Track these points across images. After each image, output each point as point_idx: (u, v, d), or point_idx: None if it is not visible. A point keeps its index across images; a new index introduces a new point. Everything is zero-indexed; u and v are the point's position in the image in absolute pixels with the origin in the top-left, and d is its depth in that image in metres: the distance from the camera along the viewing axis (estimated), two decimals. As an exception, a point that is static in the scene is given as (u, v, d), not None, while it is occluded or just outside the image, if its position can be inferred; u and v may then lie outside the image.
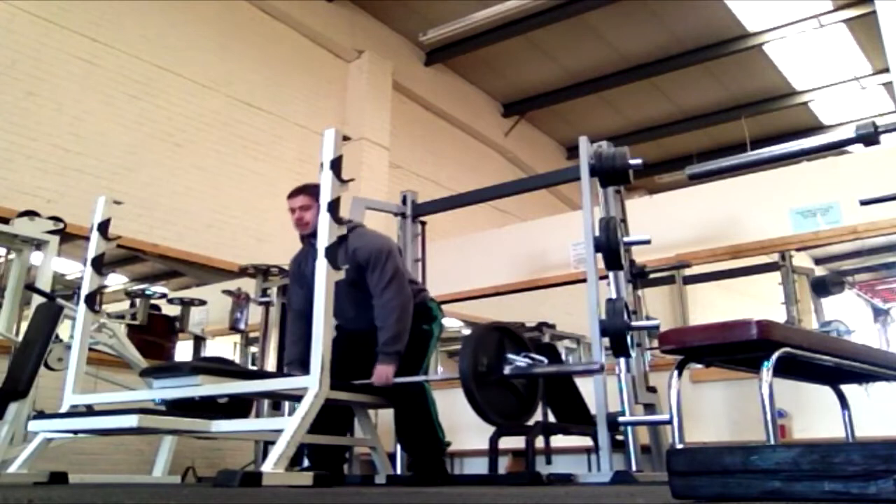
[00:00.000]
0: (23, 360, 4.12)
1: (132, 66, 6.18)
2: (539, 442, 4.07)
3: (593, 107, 9.94)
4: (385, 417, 5.02)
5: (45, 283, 4.86)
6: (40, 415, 3.82)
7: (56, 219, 5.06)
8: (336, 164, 3.31)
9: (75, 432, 3.67)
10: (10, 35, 5.50)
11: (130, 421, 3.21)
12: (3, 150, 5.30)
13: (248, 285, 5.78)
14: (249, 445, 5.43)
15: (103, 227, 4.25)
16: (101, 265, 4.25)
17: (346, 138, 3.38)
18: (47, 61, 5.66)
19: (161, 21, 6.51)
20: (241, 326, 5.72)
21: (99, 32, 6.01)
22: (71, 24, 5.84)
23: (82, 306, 4.11)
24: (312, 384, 3.16)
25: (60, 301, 4.51)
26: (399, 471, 4.32)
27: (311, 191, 3.65)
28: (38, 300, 4.63)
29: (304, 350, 3.48)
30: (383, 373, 3.56)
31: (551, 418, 4.31)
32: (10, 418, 4.00)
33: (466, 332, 6.81)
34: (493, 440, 4.14)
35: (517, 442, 4.17)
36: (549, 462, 4.11)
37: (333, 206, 3.35)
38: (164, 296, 5.90)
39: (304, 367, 3.40)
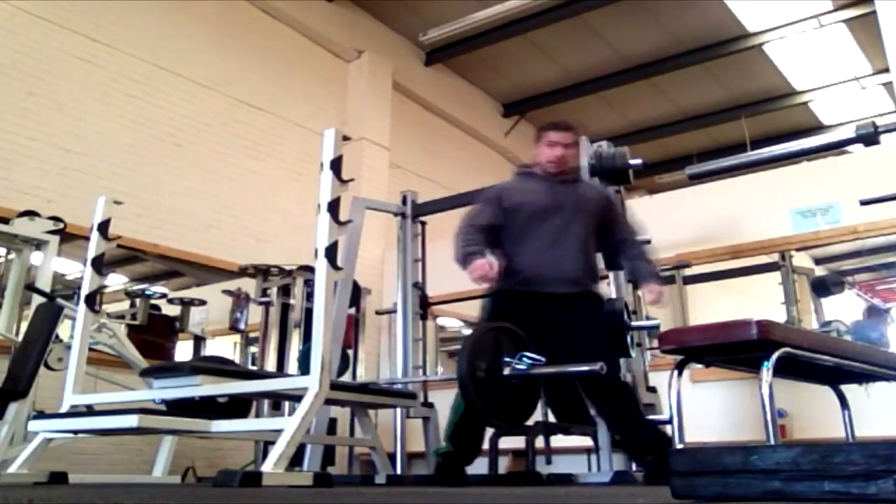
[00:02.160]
0: (23, 360, 4.12)
1: (132, 66, 6.18)
2: (539, 442, 4.06)
3: (593, 107, 9.93)
4: (385, 418, 5.04)
5: (45, 283, 4.86)
6: (40, 415, 3.82)
7: (56, 219, 5.07)
8: (336, 164, 3.30)
9: (75, 432, 3.67)
10: (10, 35, 5.50)
11: (130, 421, 3.21)
12: (3, 150, 5.30)
13: (248, 285, 5.79)
14: (249, 445, 5.43)
15: (103, 227, 4.25)
16: (101, 265, 4.25)
17: (346, 138, 3.37)
18: (47, 61, 5.66)
19: (161, 21, 6.51)
20: (241, 326, 5.72)
21: (99, 32, 6.01)
22: (71, 24, 5.84)
23: (82, 306, 4.11)
24: (312, 384, 3.16)
25: (60, 301, 4.52)
26: (399, 471, 4.32)
27: (577, 132, 3.69)
28: (38, 300, 4.63)
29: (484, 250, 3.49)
30: (664, 290, 3.58)
31: (551, 418, 4.31)
32: (10, 418, 4.00)
33: (466, 332, 6.81)
34: (493, 440, 4.14)
35: (517, 442, 4.17)
36: (549, 462, 4.11)
37: (333, 207, 3.35)
38: (164, 296, 5.91)
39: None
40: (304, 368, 3.99)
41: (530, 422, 3.79)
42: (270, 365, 5.32)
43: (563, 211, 3.57)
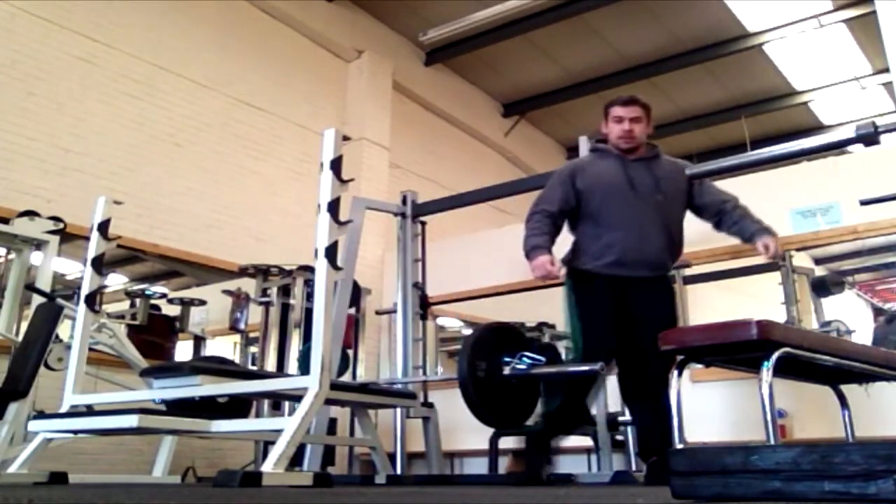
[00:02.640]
0: (23, 360, 4.12)
1: (132, 66, 6.18)
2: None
3: (593, 107, 9.86)
4: (385, 418, 5.04)
5: (45, 283, 4.87)
6: (40, 415, 3.82)
7: (56, 219, 5.06)
8: (336, 165, 3.30)
9: (75, 432, 3.67)
10: (10, 35, 5.50)
11: (130, 421, 3.21)
12: (4, 150, 5.30)
13: (248, 285, 5.79)
14: (249, 445, 5.43)
15: (103, 227, 4.25)
16: (101, 265, 4.25)
17: (346, 138, 3.37)
18: (47, 61, 5.66)
19: (161, 21, 6.51)
20: (241, 326, 5.72)
21: (99, 32, 6.01)
22: (71, 25, 5.84)
23: (82, 306, 4.11)
24: (312, 384, 3.16)
25: (60, 301, 4.52)
26: (399, 471, 4.33)
27: (645, 105, 3.58)
28: (38, 300, 4.63)
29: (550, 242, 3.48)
30: (776, 241, 3.53)
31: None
32: (10, 418, 4.00)
33: (466, 332, 6.82)
34: (493, 441, 4.15)
35: (518, 442, 4.17)
36: (549, 462, 4.11)
37: (333, 207, 3.35)
38: (164, 296, 5.91)
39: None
40: (304, 368, 3.99)
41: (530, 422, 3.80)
42: (271, 365, 5.32)
43: (642, 190, 3.48)
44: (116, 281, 6.72)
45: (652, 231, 3.47)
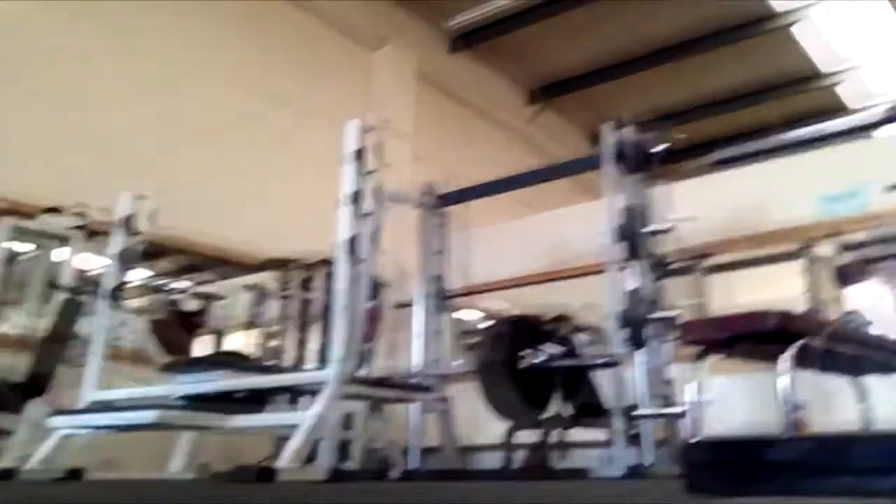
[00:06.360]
0: (44, 356, 4.16)
1: (159, 59, 6.18)
2: (555, 436, 4.02)
3: (618, 92, 9.81)
4: (402, 411, 5.00)
5: (68, 279, 4.91)
6: (60, 411, 3.83)
7: (80, 214, 5.10)
8: (358, 156, 3.31)
9: (95, 428, 3.69)
10: (38, 28, 5.52)
11: (150, 417, 3.23)
12: (29, 145, 5.32)
13: (270, 279, 5.78)
14: (267, 440, 5.40)
15: (127, 222, 4.29)
16: (124, 260, 4.29)
17: (369, 129, 3.38)
18: (75, 54, 5.68)
19: (187, 13, 6.50)
20: (262, 321, 5.73)
21: (126, 26, 6.02)
22: (100, 17, 5.85)
23: (104, 301, 4.14)
24: (329, 379, 3.16)
25: (83, 296, 4.54)
26: (414, 466, 4.29)
27: None
28: (61, 295, 4.66)
29: None
30: None
31: (568, 412, 4.26)
32: (30, 415, 4.02)
33: (485, 324, 6.77)
34: (509, 434, 4.11)
35: (534, 436, 4.13)
36: (564, 456, 4.07)
37: (355, 198, 3.35)
38: (185, 291, 5.92)
39: None
40: (324, 362, 3.97)
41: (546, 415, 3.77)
42: (290, 359, 5.32)
43: None
44: (138, 276, 6.76)
45: None
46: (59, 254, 5.16)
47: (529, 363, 3.52)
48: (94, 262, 5.73)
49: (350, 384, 3.31)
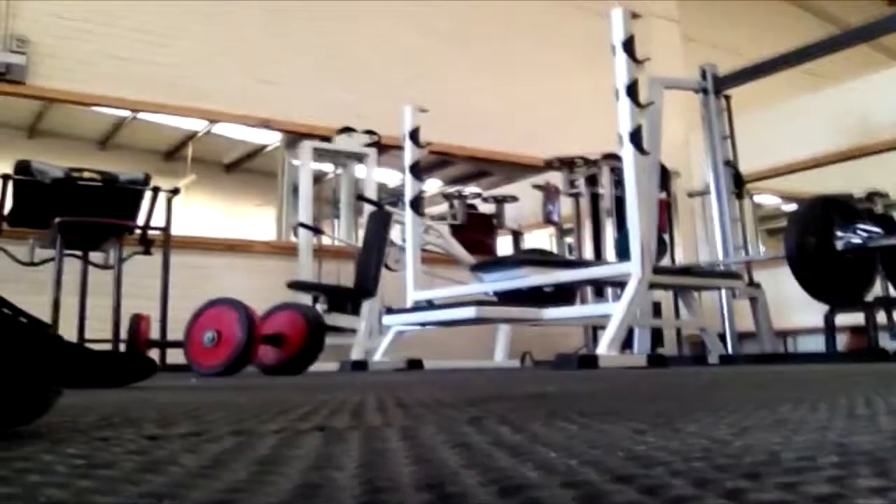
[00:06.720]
0: (366, 264, 4.60)
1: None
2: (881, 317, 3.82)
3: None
4: (709, 300, 4.96)
5: (371, 193, 5.35)
6: (390, 311, 4.25)
7: (370, 132, 5.49)
8: (628, 45, 3.26)
9: (422, 324, 4.06)
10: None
11: (469, 312, 3.50)
12: (311, 73, 5.76)
13: (556, 178, 5.88)
14: (576, 331, 5.59)
15: (414, 135, 4.58)
16: (418, 171, 4.60)
17: (634, 16, 3.30)
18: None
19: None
20: (555, 218, 5.87)
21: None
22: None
23: (409, 211, 4.49)
24: (635, 270, 3.22)
25: (389, 208, 4.94)
26: (730, 350, 4.27)
27: None
28: (368, 209, 5.10)
29: None
30: None
31: (893, 292, 4.01)
32: (365, 314, 4.50)
33: (786, 208, 6.45)
34: (829, 317, 3.95)
35: (856, 318, 3.94)
36: (894, 337, 3.85)
37: (632, 90, 3.32)
38: (478, 195, 6.19)
39: None
40: (623, 255, 4.04)
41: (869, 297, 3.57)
42: (587, 254, 5.43)
43: None
44: (433, 185, 7.17)
45: None
46: (358, 170, 5.61)
47: (848, 244, 3.34)
48: (391, 176, 6.19)
49: (655, 274, 3.35)
